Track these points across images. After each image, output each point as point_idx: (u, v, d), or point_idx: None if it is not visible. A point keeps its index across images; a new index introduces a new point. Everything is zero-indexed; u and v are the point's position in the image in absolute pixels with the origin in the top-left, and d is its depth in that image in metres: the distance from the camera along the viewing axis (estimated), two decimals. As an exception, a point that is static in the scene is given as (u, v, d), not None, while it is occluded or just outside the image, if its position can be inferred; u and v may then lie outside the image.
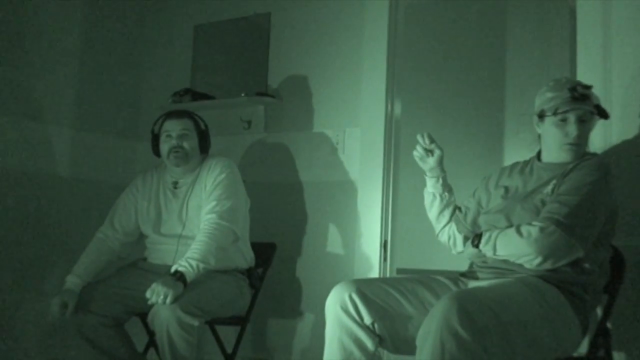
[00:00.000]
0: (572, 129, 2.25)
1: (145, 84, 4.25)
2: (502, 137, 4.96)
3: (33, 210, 3.55)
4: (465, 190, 2.66)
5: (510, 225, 2.19)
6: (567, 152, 2.29)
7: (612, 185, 2.19)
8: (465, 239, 2.51)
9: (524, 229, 2.10)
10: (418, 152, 2.54)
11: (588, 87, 2.29)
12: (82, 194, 3.81)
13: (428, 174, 2.59)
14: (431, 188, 2.60)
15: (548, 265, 2.09)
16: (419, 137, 2.54)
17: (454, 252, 2.61)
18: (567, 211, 2.08)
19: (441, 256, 4.44)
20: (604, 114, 2.30)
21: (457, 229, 2.56)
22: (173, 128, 3.08)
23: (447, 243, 2.62)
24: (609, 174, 2.19)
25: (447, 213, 2.60)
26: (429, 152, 2.54)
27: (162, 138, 3.10)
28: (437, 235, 2.66)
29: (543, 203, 2.20)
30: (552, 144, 2.32)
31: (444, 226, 2.61)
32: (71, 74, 3.83)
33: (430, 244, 4.76)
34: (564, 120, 2.26)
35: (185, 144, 3.08)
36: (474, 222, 2.48)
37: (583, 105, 2.24)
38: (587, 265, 2.15)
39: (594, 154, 2.33)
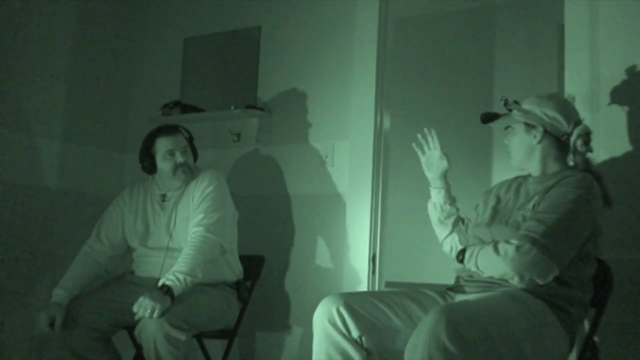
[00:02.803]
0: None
1: (134, 96, 4.25)
2: (490, 150, 4.98)
3: (20, 221, 3.54)
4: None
5: (493, 241, 2.20)
6: None
7: (594, 203, 2.18)
8: None
9: (501, 247, 2.11)
10: (426, 157, 2.59)
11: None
12: (70, 205, 3.80)
13: (432, 184, 2.63)
14: (434, 198, 2.62)
15: (526, 283, 2.10)
16: (426, 131, 2.53)
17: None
18: (544, 229, 2.08)
19: (430, 269, 4.47)
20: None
21: (459, 240, 2.58)
22: (176, 146, 3.09)
23: (448, 253, 2.64)
24: (590, 192, 2.18)
25: (448, 223, 2.62)
26: (440, 156, 2.59)
27: (163, 155, 3.08)
28: (441, 244, 2.67)
29: (524, 219, 2.20)
30: None
31: (446, 237, 2.63)
32: (60, 85, 3.82)
33: (419, 258, 4.81)
34: None
35: (189, 160, 3.12)
36: None
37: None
38: (570, 280, 2.16)
39: (579, 170, 2.32)
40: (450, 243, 2.62)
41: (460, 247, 2.53)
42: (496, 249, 2.11)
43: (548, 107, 2.32)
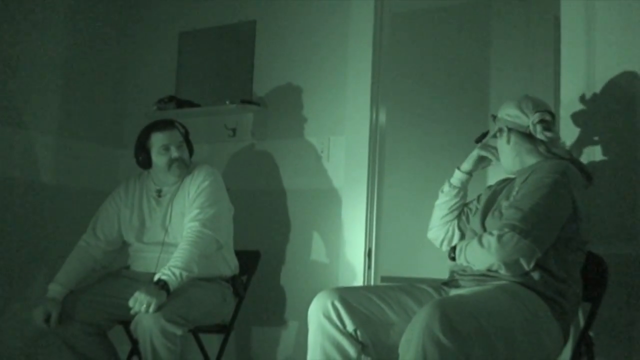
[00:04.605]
0: None
1: (129, 90, 4.24)
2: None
3: (16, 217, 3.53)
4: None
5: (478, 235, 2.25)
6: None
7: (572, 186, 2.21)
8: (462, 238, 2.59)
9: (485, 240, 2.15)
10: (489, 152, 2.59)
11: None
12: (65, 201, 3.79)
13: (462, 168, 2.63)
14: (458, 183, 2.62)
15: (513, 271, 2.14)
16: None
17: (444, 249, 2.65)
18: (522, 215, 2.13)
19: (425, 264, 4.48)
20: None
21: (458, 224, 2.63)
22: (171, 140, 3.08)
23: (441, 238, 2.66)
24: (566, 175, 2.22)
25: (458, 210, 2.64)
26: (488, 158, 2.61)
27: (158, 150, 3.08)
28: (433, 230, 2.69)
29: (506, 209, 2.26)
30: None
31: (449, 220, 2.64)
32: (55, 80, 3.81)
33: (414, 252, 4.81)
34: None
35: (184, 155, 3.11)
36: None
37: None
38: (558, 272, 2.18)
39: (556, 156, 2.37)
40: (448, 228, 2.64)
41: (457, 233, 2.62)
42: (480, 242, 2.16)
43: (509, 107, 2.44)
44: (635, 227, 2.61)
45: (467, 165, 2.62)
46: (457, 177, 2.63)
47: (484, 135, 2.61)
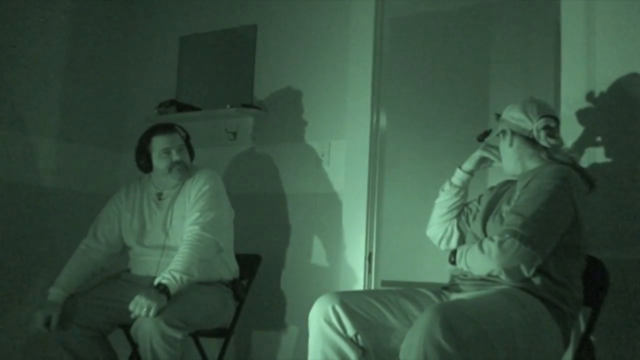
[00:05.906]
0: None
1: (130, 94, 4.24)
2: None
3: (17, 220, 3.53)
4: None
5: (478, 240, 2.25)
6: None
7: (574, 192, 2.22)
8: (461, 237, 2.61)
9: (485, 245, 2.15)
10: (491, 154, 2.60)
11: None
12: (66, 204, 3.79)
13: (464, 168, 2.64)
14: (459, 182, 2.63)
15: (513, 277, 2.14)
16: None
17: (442, 248, 2.66)
18: (523, 221, 2.13)
19: (426, 268, 4.48)
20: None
21: (458, 224, 2.63)
22: (172, 144, 3.08)
23: (439, 237, 2.67)
24: (567, 181, 2.21)
25: (458, 209, 2.65)
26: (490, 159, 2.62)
27: (159, 154, 3.08)
28: (432, 227, 2.69)
29: (507, 214, 2.26)
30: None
31: (449, 219, 2.65)
32: (56, 84, 3.82)
33: (415, 257, 4.82)
34: None
35: (185, 158, 3.11)
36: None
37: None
38: (558, 276, 2.18)
39: (558, 161, 2.37)
40: (447, 226, 2.65)
41: (456, 233, 2.63)
42: (481, 247, 2.16)
43: (514, 110, 2.42)
44: (637, 232, 2.60)
45: (468, 165, 2.63)
46: (458, 176, 2.64)
47: (487, 133, 2.60)
